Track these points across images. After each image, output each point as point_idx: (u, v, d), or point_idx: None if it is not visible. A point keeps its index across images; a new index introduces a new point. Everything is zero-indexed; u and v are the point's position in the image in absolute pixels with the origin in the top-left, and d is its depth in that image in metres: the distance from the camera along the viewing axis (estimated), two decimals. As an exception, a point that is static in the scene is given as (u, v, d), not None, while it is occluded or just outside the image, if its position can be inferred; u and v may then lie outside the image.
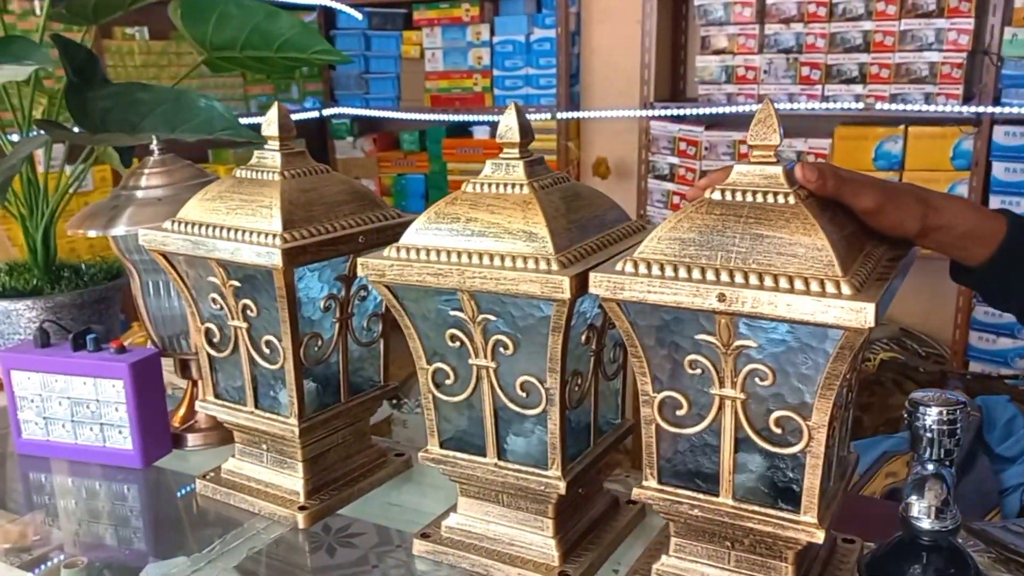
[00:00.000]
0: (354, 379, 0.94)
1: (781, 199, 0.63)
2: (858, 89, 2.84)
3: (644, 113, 3.20)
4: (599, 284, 0.65)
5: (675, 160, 3.15)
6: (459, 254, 0.71)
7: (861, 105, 2.83)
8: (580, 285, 0.67)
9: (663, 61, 3.27)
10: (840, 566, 0.75)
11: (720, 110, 3.03)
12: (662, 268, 0.63)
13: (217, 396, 0.93)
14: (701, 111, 3.07)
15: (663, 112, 3.15)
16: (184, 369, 1.07)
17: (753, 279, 0.60)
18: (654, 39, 3.16)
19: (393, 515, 0.93)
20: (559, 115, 3.41)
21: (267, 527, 0.88)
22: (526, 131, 0.74)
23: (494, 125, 3.65)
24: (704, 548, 0.71)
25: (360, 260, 0.74)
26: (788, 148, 2.95)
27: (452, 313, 0.74)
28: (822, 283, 0.59)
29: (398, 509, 0.95)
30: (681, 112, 3.13)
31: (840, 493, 0.70)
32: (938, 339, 2.91)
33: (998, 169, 2.69)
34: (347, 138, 3.87)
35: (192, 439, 1.06)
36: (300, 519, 0.87)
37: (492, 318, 0.73)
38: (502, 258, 0.70)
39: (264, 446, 0.92)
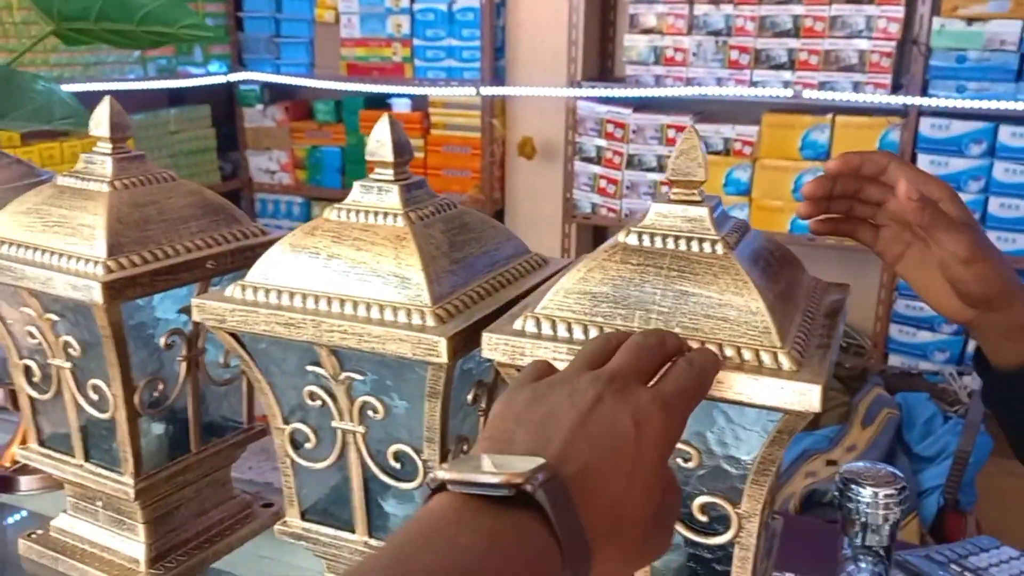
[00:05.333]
0: (211, 421, 0.80)
1: (708, 247, 0.52)
2: (787, 75, 2.76)
3: (570, 93, 3.07)
4: (495, 347, 0.53)
5: (602, 142, 3.04)
6: (316, 299, 0.58)
7: (789, 92, 2.76)
8: (462, 344, 0.55)
9: (591, 38, 3.14)
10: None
11: (647, 92, 2.92)
12: (570, 328, 0.52)
13: (42, 444, 0.78)
14: (628, 92, 2.96)
15: (590, 92, 3.03)
16: (16, 401, 0.91)
17: (674, 349, 0.48)
18: (582, 14, 3.03)
19: (264, 568, 0.81)
20: (482, 90, 3.26)
21: (98, 604, 0.74)
22: (402, 148, 0.61)
23: (415, 99, 3.47)
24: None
25: (195, 302, 0.60)
26: (715, 135, 2.87)
27: (310, 368, 0.61)
28: (757, 354, 0.47)
29: (269, 562, 0.83)
30: (608, 93, 3.02)
31: None
32: (859, 330, 2.88)
33: (923, 161, 2.64)
34: (256, 106, 3.65)
35: (25, 482, 0.91)
36: (137, 595, 0.74)
37: (358, 377, 0.60)
38: (368, 307, 0.56)
39: (99, 502, 0.77)
